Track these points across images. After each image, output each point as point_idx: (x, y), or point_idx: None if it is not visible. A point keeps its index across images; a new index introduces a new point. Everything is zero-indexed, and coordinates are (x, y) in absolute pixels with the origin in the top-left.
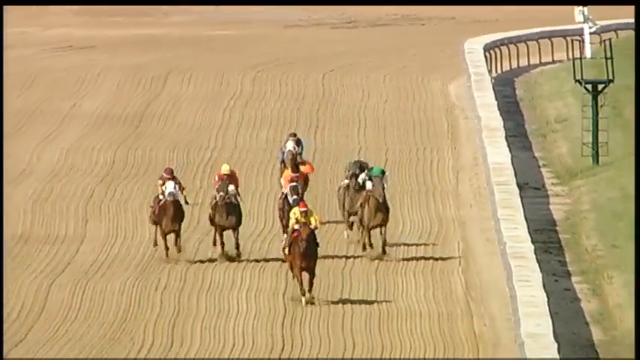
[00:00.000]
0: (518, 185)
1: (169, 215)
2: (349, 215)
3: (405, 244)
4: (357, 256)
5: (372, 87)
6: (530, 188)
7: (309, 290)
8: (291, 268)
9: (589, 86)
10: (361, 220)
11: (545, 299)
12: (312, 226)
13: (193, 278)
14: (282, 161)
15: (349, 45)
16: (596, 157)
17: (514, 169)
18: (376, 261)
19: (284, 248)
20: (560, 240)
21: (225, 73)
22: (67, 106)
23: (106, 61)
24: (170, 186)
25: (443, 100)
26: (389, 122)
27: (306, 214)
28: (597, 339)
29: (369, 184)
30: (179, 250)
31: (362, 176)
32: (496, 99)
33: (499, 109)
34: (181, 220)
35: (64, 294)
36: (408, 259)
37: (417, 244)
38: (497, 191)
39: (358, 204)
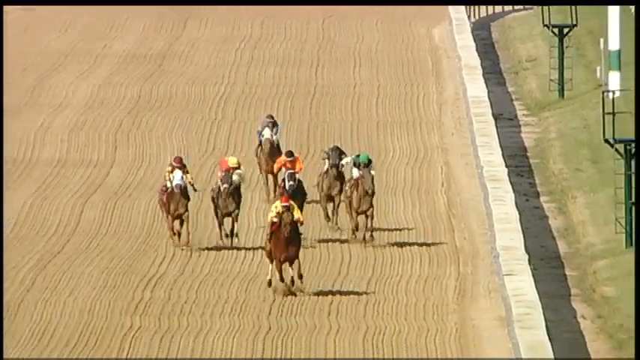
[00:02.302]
0: (494, 116)
1: (175, 200)
2: (327, 199)
3: (394, 169)
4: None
5: (365, 31)
6: (504, 119)
7: (300, 277)
8: (270, 260)
9: (556, 30)
10: (349, 205)
11: (517, 216)
12: (296, 218)
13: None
14: (260, 145)
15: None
16: (561, 91)
17: (490, 102)
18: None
19: (265, 240)
20: (531, 164)
21: (236, 18)
22: (98, 47)
23: (132, 9)
24: (177, 176)
25: (428, 42)
26: (381, 61)
27: (288, 209)
28: (562, 251)
29: (356, 172)
30: (187, 237)
31: (346, 159)
32: (474, 41)
33: (477, 50)
34: (187, 204)
35: (96, 212)
36: (396, 182)
37: (404, 168)
38: (476, 121)
39: (348, 192)
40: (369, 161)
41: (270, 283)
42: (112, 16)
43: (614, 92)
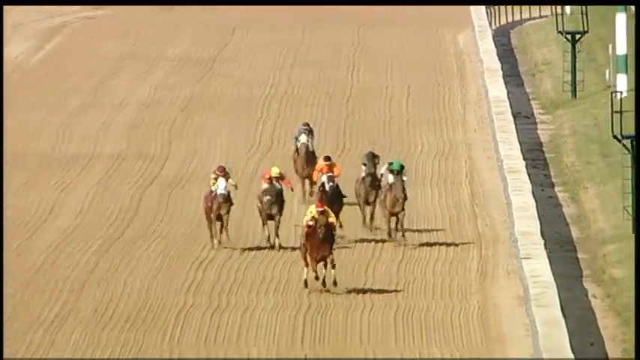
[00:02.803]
0: (513, 114)
1: (218, 203)
2: (365, 204)
3: (422, 162)
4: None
5: (396, 37)
6: (522, 117)
7: (335, 284)
8: (305, 260)
9: (569, 36)
10: (384, 208)
11: (534, 205)
12: (330, 221)
13: (257, 186)
14: (296, 151)
15: (378, 3)
16: (574, 92)
17: (509, 101)
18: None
19: (300, 242)
20: (546, 158)
21: (279, 26)
22: (154, 52)
23: (185, 17)
24: (221, 186)
25: (453, 48)
26: (410, 65)
27: (323, 213)
28: (575, 236)
29: (390, 178)
30: (226, 233)
31: (381, 170)
32: (495, 46)
33: (497, 54)
34: (229, 208)
35: (152, 201)
36: (425, 174)
37: (432, 161)
38: (496, 119)
39: (382, 195)
40: (402, 167)
41: (306, 284)
42: (166, 24)
43: (621, 93)
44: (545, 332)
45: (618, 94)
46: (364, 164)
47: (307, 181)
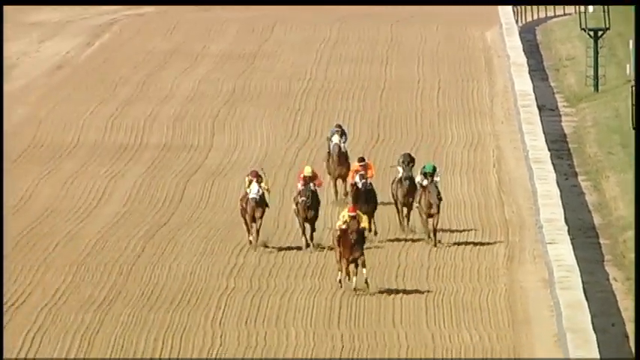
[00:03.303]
0: (538, 107)
1: (252, 207)
2: (402, 206)
3: (452, 152)
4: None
5: (427, 34)
6: (547, 109)
7: (366, 283)
8: (339, 262)
9: (591, 33)
10: (419, 210)
11: (558, 193)
12: (362, 227)
13: (295, 175)
14: (329, 152)
15: (410, 3)
16: (596, 86)
17: (535, 95)
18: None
19: (333, 242)
20: (570, 148)
21: (317, 23)
22: (199, 48)
23: (227, 15)
24: (254, 190)
25: (481, 44)
26: (441, 60)
27: (355, 218)
28: (597, 223)
29: (425, 181)
30: (258, 242)
31: (417, 178)
32: (521, 42)
33: (524, 50)
34: (264, 211)
35: (196, 189)
36: (454, 163)
37: (461, 152)
38: (522, 112)
39: (418, 197)
40: (434, 169)
41: (341, 284)
42: (210, 21)
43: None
44: (568, 314)
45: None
46: (401, 164)
47: (339, 182)
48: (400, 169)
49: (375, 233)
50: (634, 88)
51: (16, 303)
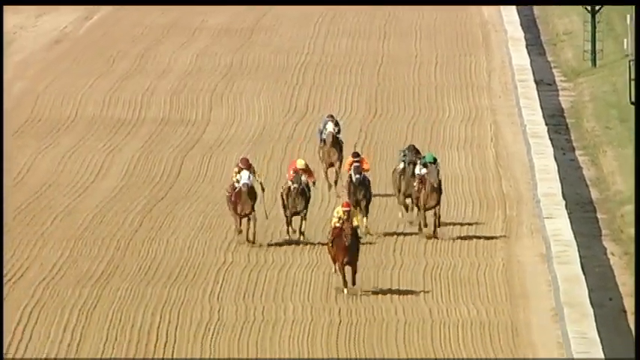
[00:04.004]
0: (535, 81)
1: (242, 200)
2: (405, 197)
3: (450, 126)
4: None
5: (425, 9)
6: (544, 84)
7: (353, 284)
8: (334, 262)
9: (588, 7)
10: (417, 202)
11: (556, 167)
12: (355, 225)
13: (293, 151)
14: (322, 140)
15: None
16: (593, 60)
17: (532, 69)
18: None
19: (328, 243)
20: (567, 123)
21: None
22: (197, 22)
23: None
24: (244, 176)
25: (479, 18)
26: (438, 35)
27: (349, 213)
28: (594, 197)
29: (423, 170)
30: (253, 236)
31: (417, 169)
32: (519, 17)
33: (521, 24)
34: (254, 204)
35: (194, 163)
36: (452, 138)
37: (459, 126)
38: (520, 86)
39: (415, 188)
40: (434, 160)
41: (336, 271)
42: None
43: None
44: (566, 288)
45: (635, 63)
46: (403, 155)
47: (331, 171)
48: (402, 155)
49: (369, 233)
50: (632, 62)
51: (13, 277)
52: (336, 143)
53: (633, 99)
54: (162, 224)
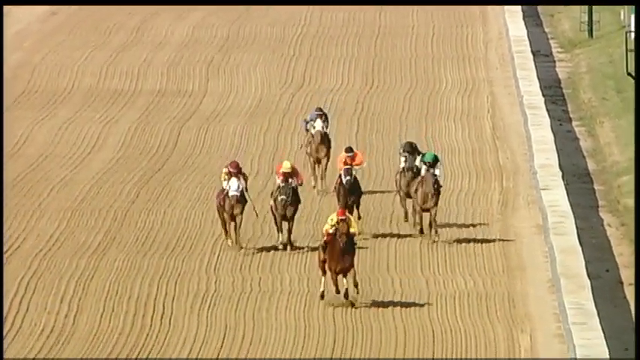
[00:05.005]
0: (532, 53)
1: (231, 204)
2: (406, 196)
3: (447, 98)
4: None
5: None
6: (541, 55)
7: (356, 286)
8: (323, 270)
9: None
10: (414, 203)
11: (553, 138)
12: (352, 232)
13: (289, 122)
14: (311, 135)
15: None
16: (590, 32)
17: (529, 40)
18: None
19: (319, 248)
20: (564, 94)
21: None
22: None
23: None
24: (234, 187)
25: None
26: (434, 7)
27: (344, 222)
28: (591, 168)
29: (423, 170)
30: (237, 242)
31: (416, 162)
32: None
33: None
34: (243, 208)
35: (191, 135)
36: (449, 109)
37: (455, 97)
38: (516, 57)
39: (413, 188)
40: (435, 158)
41: (322, 296)
42: None
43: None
44: (562, 259)
45: (632, 34)
46: (404, 154)
47: (318, 167)
48: (403, 158)
49: (359, 233)
50: (629, 34)
51: (10, 249)
52: (325, 140)
53: (630, 70)
54: (159, 196)
